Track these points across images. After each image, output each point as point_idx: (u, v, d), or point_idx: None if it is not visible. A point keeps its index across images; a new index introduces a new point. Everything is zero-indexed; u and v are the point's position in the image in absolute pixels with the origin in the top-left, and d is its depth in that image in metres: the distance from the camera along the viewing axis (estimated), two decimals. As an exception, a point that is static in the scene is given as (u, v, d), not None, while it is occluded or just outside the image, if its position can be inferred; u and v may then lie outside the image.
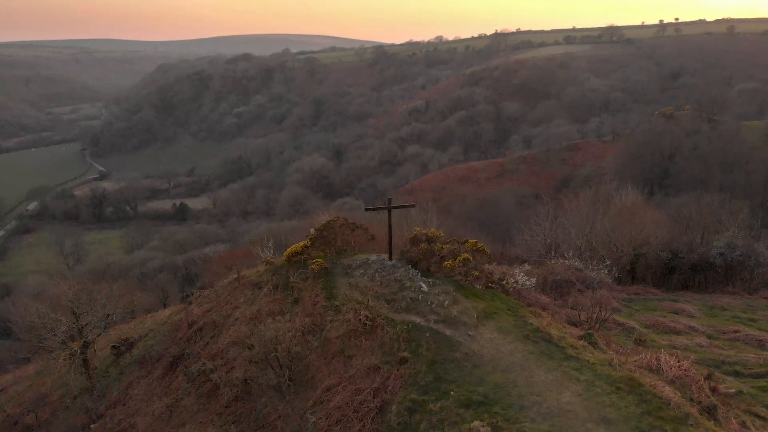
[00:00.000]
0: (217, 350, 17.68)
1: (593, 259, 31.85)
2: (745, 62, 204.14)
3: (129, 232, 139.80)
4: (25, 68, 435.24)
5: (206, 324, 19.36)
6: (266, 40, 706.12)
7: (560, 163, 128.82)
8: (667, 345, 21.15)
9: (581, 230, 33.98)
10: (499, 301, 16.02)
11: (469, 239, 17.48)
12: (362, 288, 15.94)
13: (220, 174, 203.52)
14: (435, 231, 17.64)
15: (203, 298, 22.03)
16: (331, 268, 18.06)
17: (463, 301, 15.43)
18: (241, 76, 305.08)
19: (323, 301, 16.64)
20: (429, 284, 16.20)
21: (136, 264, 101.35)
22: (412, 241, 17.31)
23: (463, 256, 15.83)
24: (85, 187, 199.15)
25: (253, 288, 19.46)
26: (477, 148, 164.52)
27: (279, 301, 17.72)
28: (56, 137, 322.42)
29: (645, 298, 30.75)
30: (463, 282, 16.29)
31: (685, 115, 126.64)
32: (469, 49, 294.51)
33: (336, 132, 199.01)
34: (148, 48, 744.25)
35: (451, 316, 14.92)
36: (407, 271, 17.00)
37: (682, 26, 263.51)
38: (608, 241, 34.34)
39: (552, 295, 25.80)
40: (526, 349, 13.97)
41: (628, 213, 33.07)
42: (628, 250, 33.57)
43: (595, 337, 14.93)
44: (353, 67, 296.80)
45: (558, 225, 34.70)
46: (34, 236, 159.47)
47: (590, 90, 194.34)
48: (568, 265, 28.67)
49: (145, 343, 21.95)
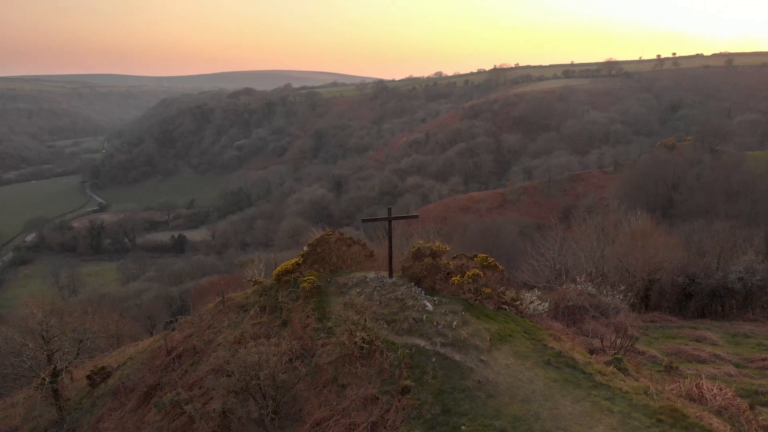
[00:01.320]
0: (195, 379, 15.77)
1: (605, 285, 30.08)
2: (743, 94, 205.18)
3: (125, 264, 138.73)
4: (28, 102, 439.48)
5: (186, 350, 17.46)
6: (268, 76, 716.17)
7: (562, 193, 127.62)
8: (694, 375, 19.35)
9: (591, 255, 32.21)
10: (513, 323, 14.18)
11: (478, 253, 15.73)
12: (359, 307, 14.10)
13: (219, 206, 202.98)
14: (440, 245, 15.89)
15: (186, 323, 20.17)
16: (325, 287, 16.28)
17: (474, 322, 13.60)
18: (242, 109, 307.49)
19: (314, 323, 14.82)
20: (434, 303, 14.40)
21: (131, 295, 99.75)
22: (415, 256, 15.56)
23: (473, 272, 14.08)
24: (84, 219, 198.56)
25: (238, 311, 17.65)
26: (477, 179, 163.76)
27: (266, 324, 15.89)
28: (57, 170, 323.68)
29: (662, 325, 28.89)
30: (472, 301, 14.48)
31: (687, 145, 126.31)
32: (469, 84, 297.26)
33: (336, 164, 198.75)
34: (152, 83, 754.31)
35: (461, 339, 13.08)
36: (409, 288, 15.20)
37: (679, 60, 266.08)
38: (620, 266, 32.60)
39: (564, 322, 23.97)
40: (548, 376, 12.10)
41: (640, 237, 31.31)
42: (641, 275, 31.77)
43: (624, 363, 13.07)
44: (354, 101, 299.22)
45: (567, 249, 32.95)
46: (31, 268, 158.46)
47: (590, 122, 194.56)
48: (580, 291, 26.80)
49: (122, 373, 19.98)
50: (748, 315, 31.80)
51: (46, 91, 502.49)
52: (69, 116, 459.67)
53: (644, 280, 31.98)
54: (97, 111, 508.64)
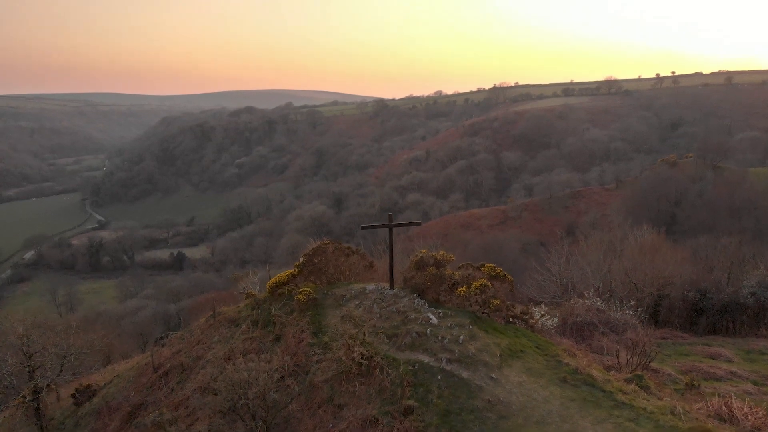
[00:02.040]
0: (182, 398, 14.70)
1: (613, 300, 29.09)
2: (743, 112, 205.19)
3: (123, 281, 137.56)
4: (30, 120, 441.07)
5: (173, 367, 16.42)
6: (270, 95, 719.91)
7: (563, 210, 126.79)
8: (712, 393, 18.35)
9: (598, 269, 31.23)
10: (524, 338, 13.17)
11: (485, 263, 14.76)
12: (357, 321, 13.11)
13: (219, 223, 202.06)
14: (444, 253, 14.92)
15: (175, 339, 19.13)
16: (321, 299, 15.29)
17: (482, 336, 12.59)
18: (243, 127, 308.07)
19: (309, 338, 13.80)
20: (439, 316, 13.41)
21: (128, 313, 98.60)
22: (418, 266, 14.58)
23: (480, 282, 13.11)
24: (83, 237, 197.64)
25: (229, 325, 16.62)
26: (478, 196, 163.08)
27: (258, 339, 14.87)
28: (58, 187, 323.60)
29: (674, 342, 27.83)
30: (480, 313, 13.48)
31: (688, 162, 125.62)
32: (468, 102, 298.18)
33: (337, 181, 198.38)
34: (153, 102, 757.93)
35: (468, 355, 12.06)
36: (412, 300, 14.21)
37: (679, 78, 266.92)
38: (628, 281, 31.60)
39: (573, 338, 22.95)
40: (564, 395, 11.07)
41: (648, 251, 30.34)
42: (650, 290, 30.74)
43: (646, 380, 12.04)
44: (355, 120, 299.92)
45: (574, 264, 31.96)
46: (29, 285, 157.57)
47: (590, 140, 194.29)
48: (588, 306, 25.77)
49: (107, 391, 18.89)
50: (761, 331, 30.79)
51: (48, 109, 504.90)
52: (70, 134, 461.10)
53: (653, 295, 30.97)
54: (98, 129, 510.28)
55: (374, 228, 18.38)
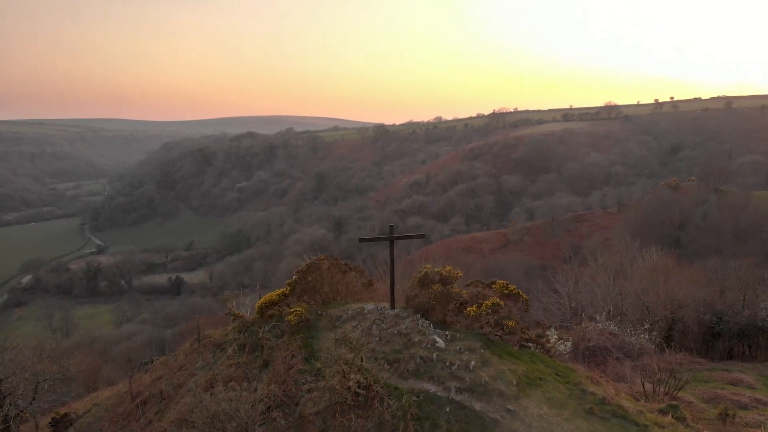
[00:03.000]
0: (159, 430, 13.27)
1: (623, 323, 27.70)
2: (743, 136, 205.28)
3: (120, 306, 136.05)
4: (31, 145, 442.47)
5: (152, 396, 14.98)
6: (271, 121, 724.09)
7: (566, 233, 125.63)
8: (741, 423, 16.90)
9: (609, 292, 29.84)
10: (541, 364, 11.79)
11: (496, 280, 13.45)
12: (354, 344, 11.75)
13: (218, 247, 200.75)
14: (451, 269, 13.61)
15: (158, 364, 17.72)
16: (315, 320, 13.93)
17: (496, 362, 11.21)
18: (244, 152, 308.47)
19: (300, 364, 12.39)
20: (446, 339, 12.05)
21: (123, 338, 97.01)
22: (422, 283, 13.26)
23: (492, 301, 11.79)
24: (81, 261, 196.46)
25: (215, 350, 15.22)
26: (479, 220, 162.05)
27: (244, 365, 13.45)
28: (57, 212, 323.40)
29: (691, 368, 26.35)
30: (492, 336, 12.12)
31: (691, 185, 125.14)
32: (468, 127, 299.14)
33: (337, 205, 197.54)
34: (155, 127, 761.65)
35: (481, 383, 10.67)
36: (415, 321, 12.85)
37: (678, 103, 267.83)
38: (639, 304, 30.19)
39: (586, 364, 21.52)
40: (592, 429, 9.66)
41: (661, 273, 29.00)
42: (663, 313, 29.30)
43: (682, 411, 10.64)
44: (355, 144, 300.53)
45: (583, 286, 30.60)
46: (26, 309, 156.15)
47: (591, 164, 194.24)
48: (601, 330, 24.35)
49: (83, 421, 17.40)
50: (780, 356, 29.35)
51: (49, 134, 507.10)
52: (71, 159, 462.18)
53: (667, 318, 29.56)
54: (99, 154, 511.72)
55: (373, 241, 17.02)
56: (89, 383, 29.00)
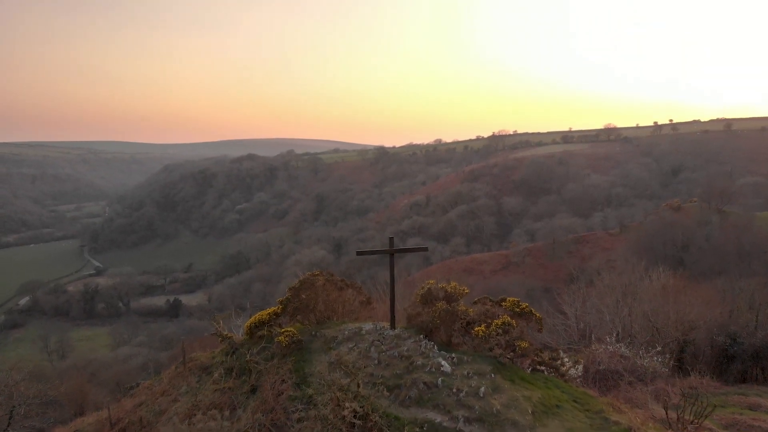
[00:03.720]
0: (136, 463, 12.15)
1: (634, 346, 26.55)
2: (744, 158, 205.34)
3: (116, 329, 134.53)
4: (32, 167, 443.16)
5: (131, 423, 13.85)
6: (272, 143, 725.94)
7: (567, 255, 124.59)
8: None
9: (617, 313, 28.72)
10: (557, 389, 10.74)
11: (506, 297, 12.43)
12: (350, 368, 10.67)
13: (217, 269, 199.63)
14: (456, 285, 12.58)
15: (142, 388, 16.60)
16: (308, 341, 12.89)
17: (508, 388, 10.16)
18: (245, 174, 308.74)
19: (290, 389, 11.33)
20: (452, 362, 11.01)
21: (118, 361, 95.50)
22: (425, 300, 12.25)
23: (503, 320, 10.77)
24: (79, 283, 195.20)
25: (200, 374, 14.15)
26: (479, 241, 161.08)
27: (230, 391, 12.38)
28: (57, 233, 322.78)
29: (706, 392, 25.16)
30: (503, 359, 11.05)
31: (693, 206, 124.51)
32: (468, 149, 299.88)
33: (337, 226, 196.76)
34: (156, 150, 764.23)
35: (492, 412, 9.61)
36: (418, 343, 11.81)
37: (677, 125, 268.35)
38: (649, 325, 29.06)
39: (597, 388, 20.38)
40: (619, 465, 8.60)
41: (672, 292, 27.94)
42: (675, 334, 28.14)
43: (715, 444, 9.54)
44: (355, 166, 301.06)
45: (591, 307, 29.50)
46: (22, 332, 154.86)
47: (591, 185, 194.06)
48: (612, 352, 23.19)
49: (61, 452, 16.22)
50: (795, 379, 28.15)
51: (51, 156, 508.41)
52: (72, 181, 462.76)
53: (678, 340, 28.40)
54: (100, 176, 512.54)
55: (372, 254, 15.98)
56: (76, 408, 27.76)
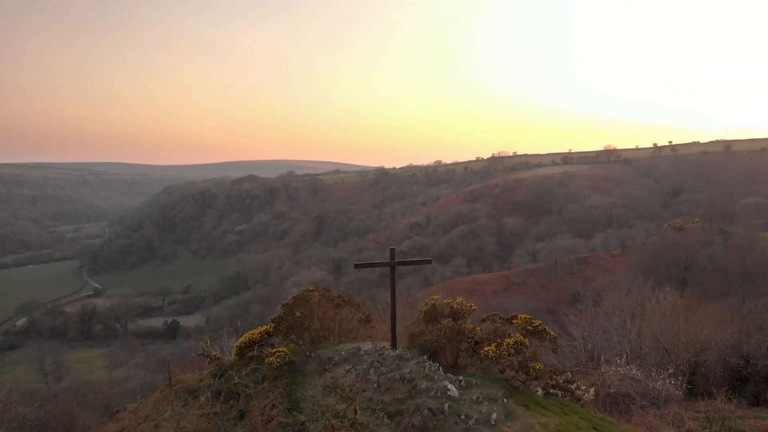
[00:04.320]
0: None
1: (643, 367, 25.54)
2: (744, 179, 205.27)
3: (113, 350, 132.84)
4: (33, 188, 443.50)
5: (112, 451, 12.91)
6: (273, 165, 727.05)
7: (569, 276, 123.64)
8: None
9: (625, 334, 27.73)
10: (574, 415, 9.84)
11: (517, 314, 11.55)
12: (347, 392, 9.74)
13: (216, 290, 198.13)
14: (463, 301, 11.68)
15: (127, 413, 15.62)
16: (302, 363, 11.98)
17: (522, 415, 9.24)
18: (245, 195, 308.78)
19: (281, 415, 10.42)
20: (459, 385, 10.09)
21: (114, 383, 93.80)
22: (429, 317, 11.34)
23: (515, 339, 9.88)
24: (77, 304, 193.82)
25: (187, 397, 13.21)
26: (480, 262, 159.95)
27: (216, 416, 11.43)
28: (56, 254, 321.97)
29: (719, 416, 24.10)
30: (516, 382, 10.12)
31: (695, 227, 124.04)
32: (468, 170, 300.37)
33: (337, 246, 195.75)
34: (157, 171, 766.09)
35: (504, 441, 8.69)
36: (422, 364, 10.89)
37: (677, 147, 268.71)
38: (659, 347, 28.04)
39: (609, 413, 19.38)
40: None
41: (682, 312, 27.00)
42: (686, 356, 27.10)
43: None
44: (356, 186, 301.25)
45: (598, 327, 28.52)
46: (19, 353, 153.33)
47: (592, 206, 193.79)
48: (622, 375, 22.19)
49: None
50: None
51: (51, 177, 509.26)
52: (72, 202, 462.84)
53: (689, 362, 27.38)
54: (100, 197, 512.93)
55: (372, 266, 15.07)
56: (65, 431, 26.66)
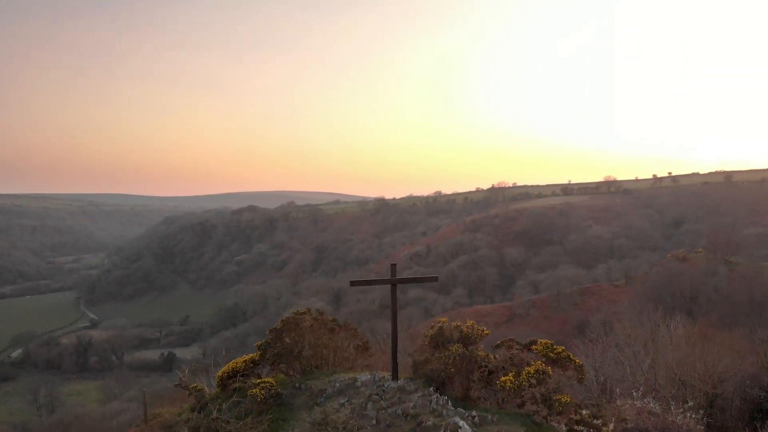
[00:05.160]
0: None
1: (658, 400, 24.07)
2: (746, 209, 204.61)
3: (107, 383, 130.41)
4: (33, 218, 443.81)
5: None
6: (273, 196, 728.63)
7: (573, 307, 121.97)
8: None
9: (639, 364, 26.31)
10: (604, 456, 8.55)
11: (537, 338, 10.27)
12: (339, 429, 8.44)
13: (213, 322, 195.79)
14: (474, 324, 10.38)
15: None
16: (290, 396, 10.67)
17: (546, 456, 7.97)
18: (245, 225, 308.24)
19: (266, 455, 9.11)
20: (473, 422, 8.77)
21: (107, 416, 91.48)
22: (435, 343, 10.06)
23: (536, 367, 8.58)
24: (73, 336, 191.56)
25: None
26: (482, 293, 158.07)
27: (194, 456, 10.16)
28: (54, 285, 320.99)
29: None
30: (538, 418, 8.81)
31: (699, 257, 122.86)
32: (468, 200, 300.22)
33: (336, 277, 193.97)
34: (156, 202, 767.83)
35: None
36: (427, 397, 9.54)
37: (677, 178, 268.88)
38: (674, 378, 26.57)
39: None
40: None
41: (699, 342, 25.64)
42: (704, 388, 25.63)
43: None
44: (355, 216, 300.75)
45: (610, 358, 27.12)
46: (13, 385, 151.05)
47: (593, 237, 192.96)
48: (639, 409, 20.74)
49: None
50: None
51: (52, 208, 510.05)
52: (72, 233, 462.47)
53: (707, 394, 25.90)
54: (100, 228, 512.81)
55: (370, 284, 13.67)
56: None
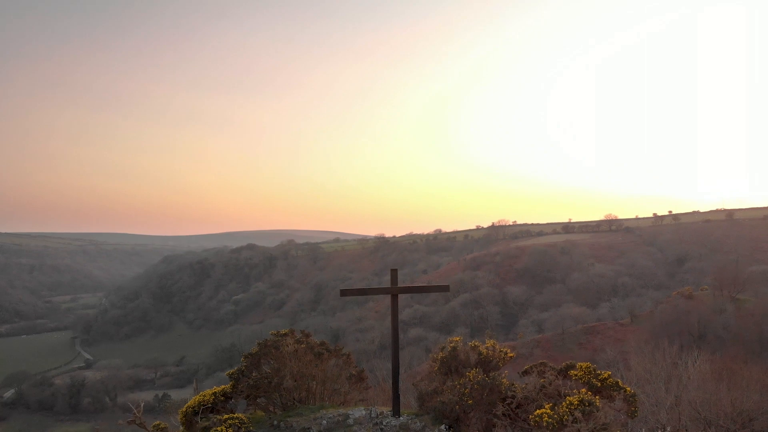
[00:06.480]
0: None
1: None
2: (748, 246, 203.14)
3: (97, 425, 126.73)
4: (31, 257, 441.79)
5: None
6: (272, 234, 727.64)
7: (577, 346, 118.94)
8: None
9: (661, 403, 24.32)
10: None
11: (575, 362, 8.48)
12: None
13: (209, 363, 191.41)
14: (496, 344, 8.55)
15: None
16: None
17: None
18: (243, 264, 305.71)
19: None
20: (493, 466, 6.98)
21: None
22: (447, 368, 8.07)
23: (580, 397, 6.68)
24: (66, 376, 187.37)
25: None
26: (484, 332, 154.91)
27: None
28: (50, 324, 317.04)
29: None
30: (580, 462, 6.96)
31: (705, 294, 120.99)
32: (468, 238, 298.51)
33: (335, 316, 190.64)
34: (156, 241, 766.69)
35: None
36: (436, 436, 7.70)
37: (678, 216, 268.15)
38: (699, 417, 24.55)
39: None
40: None
41: (725, 378, 23.70)
42: (732, 427, 23.62)
43: None
44: (355, 254, 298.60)
45: (628, 395, 25.05)
46: (4, 426, 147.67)
47: (596, 275, 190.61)
48: (667, 451, 18.78)
49: None
50: None
51: (51, 247, 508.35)
52: (71, 272, 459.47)
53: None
54: (99, 267, 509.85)
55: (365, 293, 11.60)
56: None
